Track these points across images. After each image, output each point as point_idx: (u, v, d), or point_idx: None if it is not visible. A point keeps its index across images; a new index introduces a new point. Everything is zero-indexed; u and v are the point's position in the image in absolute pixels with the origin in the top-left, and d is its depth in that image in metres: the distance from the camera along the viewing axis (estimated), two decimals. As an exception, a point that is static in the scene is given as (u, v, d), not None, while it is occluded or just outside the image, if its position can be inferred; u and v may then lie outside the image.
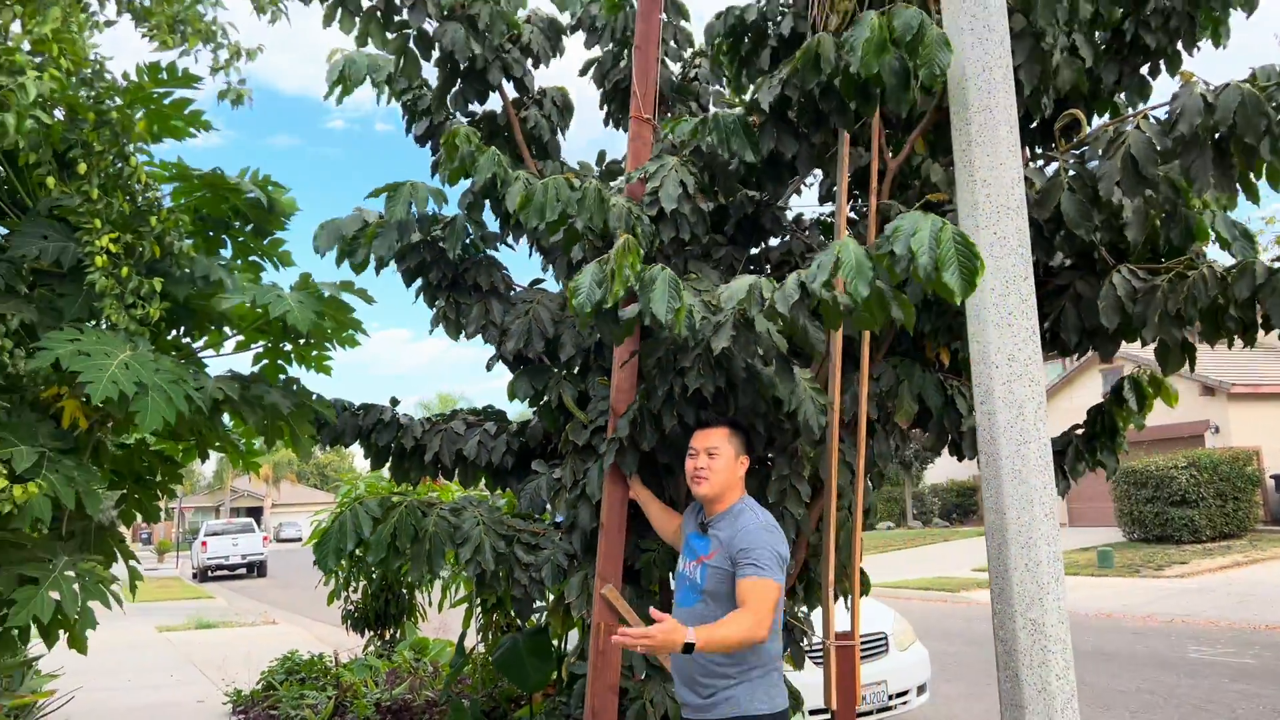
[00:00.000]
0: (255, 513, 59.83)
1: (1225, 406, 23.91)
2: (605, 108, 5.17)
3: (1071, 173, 3.69)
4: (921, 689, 7.05)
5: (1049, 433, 3.23)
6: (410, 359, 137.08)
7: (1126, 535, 21.97)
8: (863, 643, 6.63)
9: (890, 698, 6.65)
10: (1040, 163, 4.19)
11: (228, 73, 3.37)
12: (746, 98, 3.94)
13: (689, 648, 2.71)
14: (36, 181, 3.52)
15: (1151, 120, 3.47)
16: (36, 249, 3.43)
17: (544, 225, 3.81)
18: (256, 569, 32.53)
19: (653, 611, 2.76)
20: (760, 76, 3.97)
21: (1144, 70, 4.31)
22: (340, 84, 4.91)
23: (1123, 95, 4.36)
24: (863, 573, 4.74)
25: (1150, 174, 3.29)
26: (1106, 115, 4.42)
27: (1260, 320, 3.35)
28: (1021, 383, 3.13)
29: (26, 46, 2.87)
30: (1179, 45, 4.22)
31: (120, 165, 3.57)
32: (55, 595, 3.12)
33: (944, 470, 33.54)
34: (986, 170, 3.21)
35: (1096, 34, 4.14)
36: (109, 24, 3.33)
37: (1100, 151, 3.47)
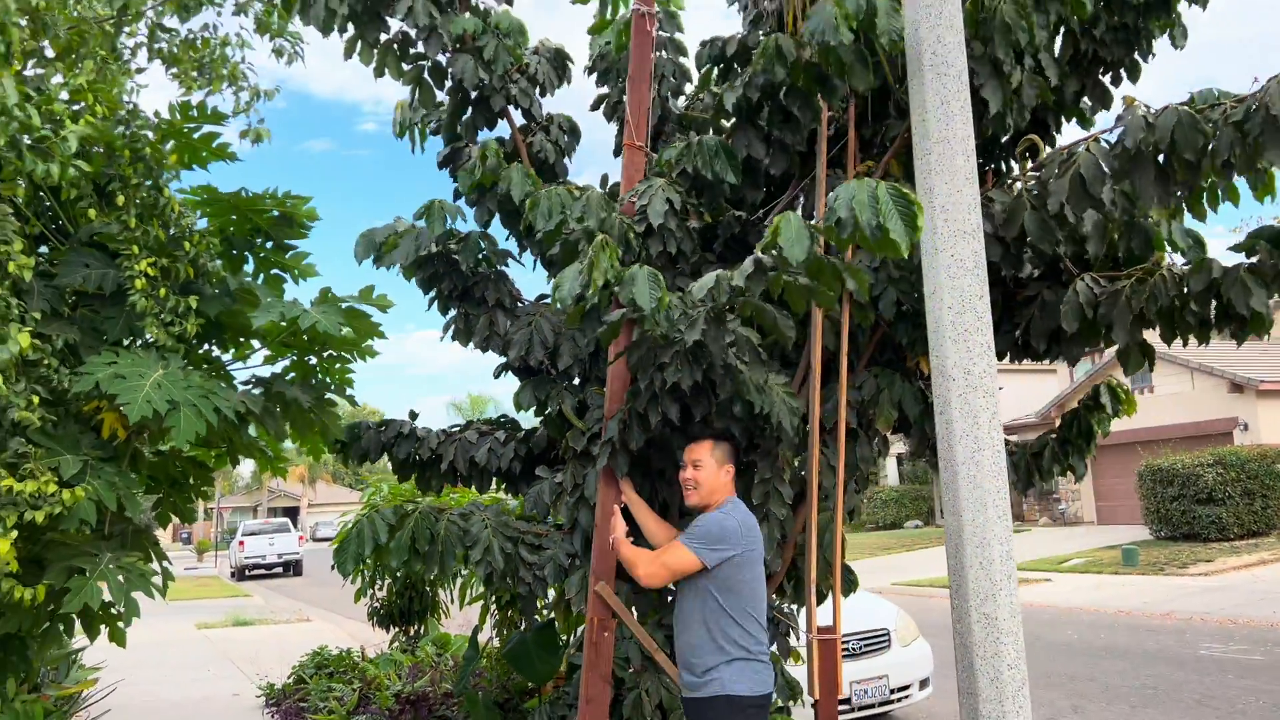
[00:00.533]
0: (292, 513, 60.79)
1: (1254, 404, 23.75)
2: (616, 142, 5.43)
3: (1035, 192, 3.92)
4: (924, 683, 7.27)
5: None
6: (443, 359, 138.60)
7: (1154, 533, 21.91)
8: (865, 638, 6.89)
9: (891, 692, 6.88)
10: (1011, 181, 4.42)
11: (248, 114, 3.69)
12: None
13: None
14: (79, 213, 3.85)
15: (1103, 143, 3.70)
16: (80, 276, 3.77)
17: (543, 234, 4.15)
18: (292, 568, 33.15)
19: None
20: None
21: (1107, 79, 4.56)
22: (405, 130, 5.28)
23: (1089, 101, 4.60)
24: (850, 570, 4.99)
25: (1096, 192, 3.53)
26: (1074, 121, 4.66)
27: (1214, 318, 3.60)
28: (976, 394, 3.38)
29: (65, 96, 3.20)
30: (1136, 55, 4.48)
31: (155, 196, 3.90)
32: (103, 586, 3.44)
33: (972, 469, 33.49)
34: (945, 197, 3.46)
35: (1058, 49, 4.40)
36: (139, 71, 3.66)
37: (1055, 172, 3.71)
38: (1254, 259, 3.56)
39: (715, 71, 5.08)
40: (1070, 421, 4.64)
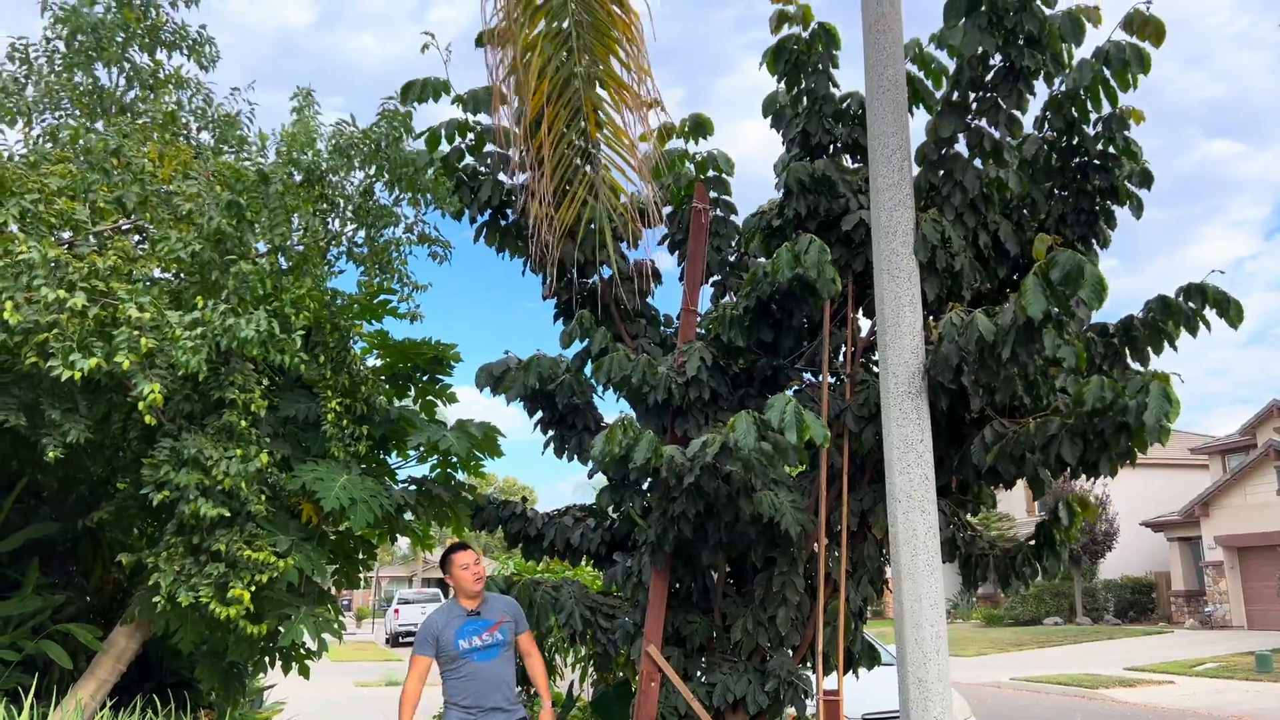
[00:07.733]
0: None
1: None
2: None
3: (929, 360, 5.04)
4: (974, 759, 8.10)
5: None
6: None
7: (1299, 640, 21.12)
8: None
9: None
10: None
11: (410, 301, 5.35)
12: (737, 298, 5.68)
13: None
14: (294, 367, 5.55)
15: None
16: (294, 410, 5.45)
17: (611, 384, 5.61)
18: (441, 636, 35.07)
19: None
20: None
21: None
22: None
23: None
24: (871, 647, 6.12)
25: (951, 370, 4.67)
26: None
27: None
28: (916, 512, 4.56)
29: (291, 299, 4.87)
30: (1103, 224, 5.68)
31: (344, 355, 5.57)
32: (303, 629, 5.00)
33: (1117, 565, 32.51)
34: (895, 365, 4.70)
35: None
36: (340, 272, 5.38)
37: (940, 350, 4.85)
38: (1070, 420, 4.60)
39: (761, 238, 6.48)
40: (1039, 531, 5.67)
